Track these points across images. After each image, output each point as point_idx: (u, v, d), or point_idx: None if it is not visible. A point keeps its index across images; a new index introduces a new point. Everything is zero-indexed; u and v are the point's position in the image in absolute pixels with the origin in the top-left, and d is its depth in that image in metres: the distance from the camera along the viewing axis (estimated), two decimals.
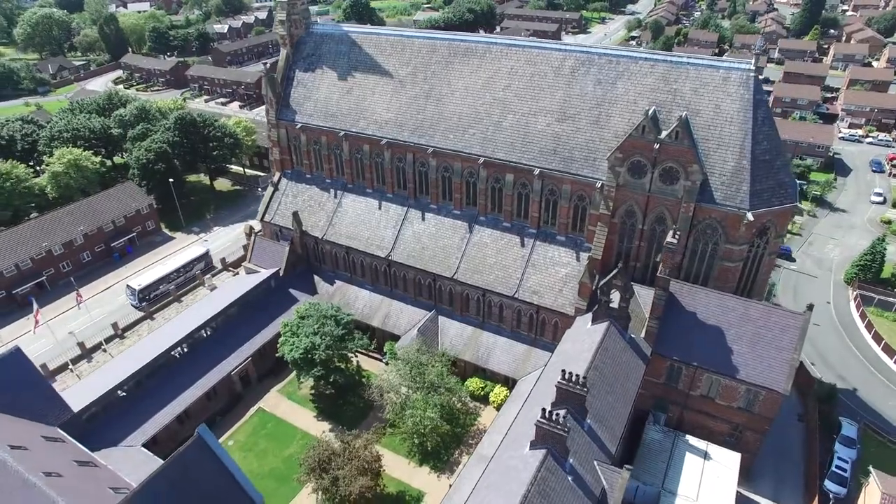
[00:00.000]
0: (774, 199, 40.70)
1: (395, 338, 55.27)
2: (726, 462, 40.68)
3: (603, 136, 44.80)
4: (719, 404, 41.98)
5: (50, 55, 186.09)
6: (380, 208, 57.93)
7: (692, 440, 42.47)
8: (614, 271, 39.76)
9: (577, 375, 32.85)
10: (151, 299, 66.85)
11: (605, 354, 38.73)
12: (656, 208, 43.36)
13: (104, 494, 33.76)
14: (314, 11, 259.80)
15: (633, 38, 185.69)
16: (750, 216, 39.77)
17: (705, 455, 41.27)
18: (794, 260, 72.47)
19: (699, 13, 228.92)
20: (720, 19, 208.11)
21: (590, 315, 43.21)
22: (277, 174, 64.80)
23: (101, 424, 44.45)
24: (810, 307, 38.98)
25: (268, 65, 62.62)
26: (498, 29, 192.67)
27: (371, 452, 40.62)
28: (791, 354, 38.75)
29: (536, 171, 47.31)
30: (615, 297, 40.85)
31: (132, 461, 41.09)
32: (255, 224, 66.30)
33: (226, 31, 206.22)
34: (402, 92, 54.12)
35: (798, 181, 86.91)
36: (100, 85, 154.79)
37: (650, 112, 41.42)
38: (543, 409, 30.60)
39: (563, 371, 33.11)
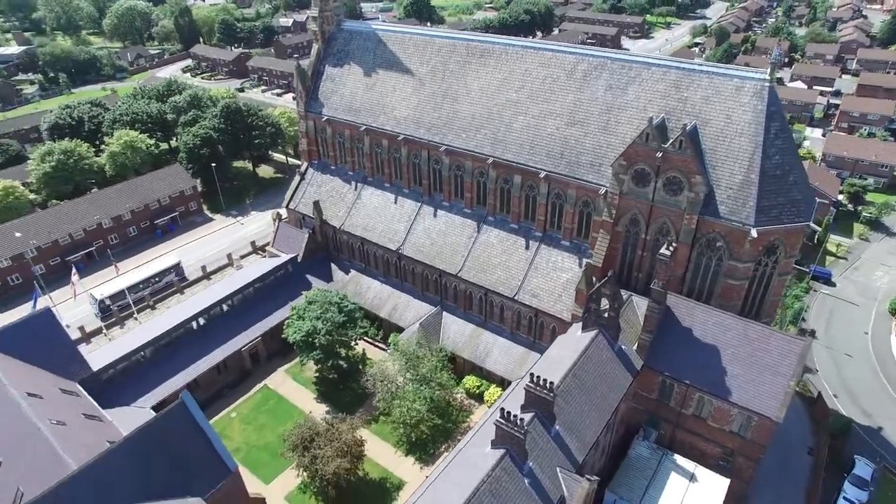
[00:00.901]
0: (784, 216, 38.79)
1: (401, 330, 56.40)
2: (713, 486, 39.26)
3: (610, 142, 44.06)
4: (711, 426, 40.48)
5: (131, 44, 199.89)
6: (395, 202, 59.24)
7: (680, 460, 41.22)
8: (604, 279, 39.14)
9: (545, 380, 32.77)
10: (114, 309, 63.63)
11: (588, 363, 38.26)
12: (659, 219, 42.27)
13: (100, 446, 36.62)
14: (378, 8, 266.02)
15: (696, 44, 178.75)
16: (754, 233, 38.14)
17: (691, 477, 39.98)
18: (833, 284, 68.16)
19: (774, 20, 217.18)
20: (796, 27, 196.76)
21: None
22: (304, 164, 67.39)
23: (116, 385, 48.04)
24: (812, 333, 36.99)
25: (299, 59, 64.95)
26: (556, 31, 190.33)
27: (353, 437, 41.90)
28: (788, 381, 36.90)
29: (543, 174, 47.11)
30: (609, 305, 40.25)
31: (138, 421, 43.92)
32: (283, 211, 69.16)
33: (290, 24, 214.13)
34: (421, 90, 55.10)
35: (850, 202, 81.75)
36: (170, 73, 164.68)
37: (654, 119, 40.38)
38: (502, 409, 30.80)
39: (532, 374, 33.11)
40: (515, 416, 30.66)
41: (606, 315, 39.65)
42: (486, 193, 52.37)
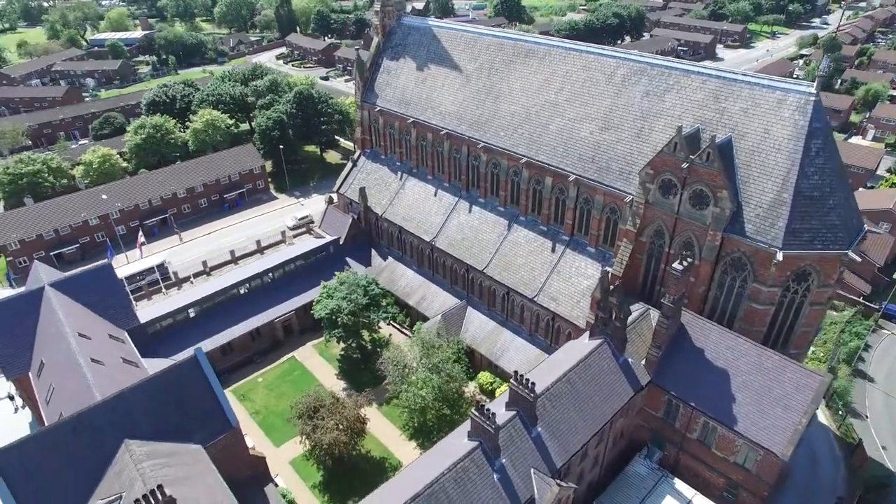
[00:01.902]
0: (817, 241, 36.10)
1: (427, 319, 57.75)
2: None
3: (642, 150, 42.81)
4: (715, 454, 38.52)
5: (235, 31, 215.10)
6: (435, 195, 60.60)
7: (679, 485, 39.63)
8: (612, 287, 38.28)
9: (528, 380, 32.82)
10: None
11: (586, 370, 37.68)
12: (684, 232, 40.62)
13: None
14: (471, 6, 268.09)
15: (801, 56, 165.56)
16: (780, 256, 35.81)
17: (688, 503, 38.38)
18: None
19: None
20: None
21: None
22: (358, 152, 70.32)
23: (161, 338, 53.03)
24: (832, 370, 34.14)
25: (359, 50, 67.81)
26: (646, 37, 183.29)
27: (356, 413, 43.81)
28: (799, 417, 34.45)
29: (572, 178, 46.58)
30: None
31: None
32: (335, 196, 72.51)
33: None
34: (467, 86, 55.94)
35: None
36: (265, 59, 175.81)
37: (684, 129, 38.84)
38: (478, 402, 31.25)
39: (516, 373, 33.27)
40: (489, 410, 31.05)
41: (613, 325, 38.76)
42: (518, 193, 52.46)
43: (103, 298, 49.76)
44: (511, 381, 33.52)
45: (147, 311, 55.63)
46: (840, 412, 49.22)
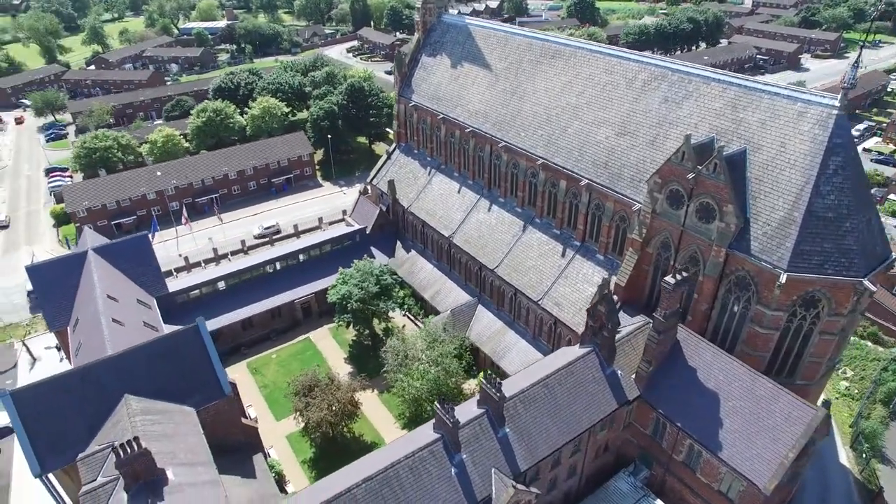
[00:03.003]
0: (828, 266, 33.57)
1: (439, 313, 58.40)
2: None
3: (655, 158, 41.29)
4: (700, 479, 36.76)
5: (313, 23, 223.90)
6: (459, 192, 61.04)
7: None
8: (603, 296, 37.28)
9: (497, 379, 32.79)
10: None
11: (568, 377, 37.03)
12: (690, 245, 38.89)
13: None
14: (547, 6, 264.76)
15: None
16: (783, 278, 33.62)
17: None
18: None
19: None
20: None
21: None
22: (394, 145, 71.84)
23: (187, 307, 56.73)
24: (826, 405, 31.65)
25: (400, 45, 69.13)
26: (724, 43, 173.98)
27: (349, 396, 45.20)
28: (786, 451, 32.26)
29: (584, 182, 45.65)
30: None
31: None
32: (370, 187, 74.46)
33: (455, 15, 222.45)
34: (495, 85, 55.90)
35: None
36: (335, 52, 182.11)
37: (693, 137, 37.15)
38: (441, 397, 31.59)
39: (486, 371, 33.26)
40: (449, 404, 31.33)
41: (602, 334, 37.81)
42: (535, 195, 51.96)
43: (138, 266, 53.87)
44: (481, 379, 33.56)
45: (178, 281, 59.73)
46: (864, 455, 45.35)
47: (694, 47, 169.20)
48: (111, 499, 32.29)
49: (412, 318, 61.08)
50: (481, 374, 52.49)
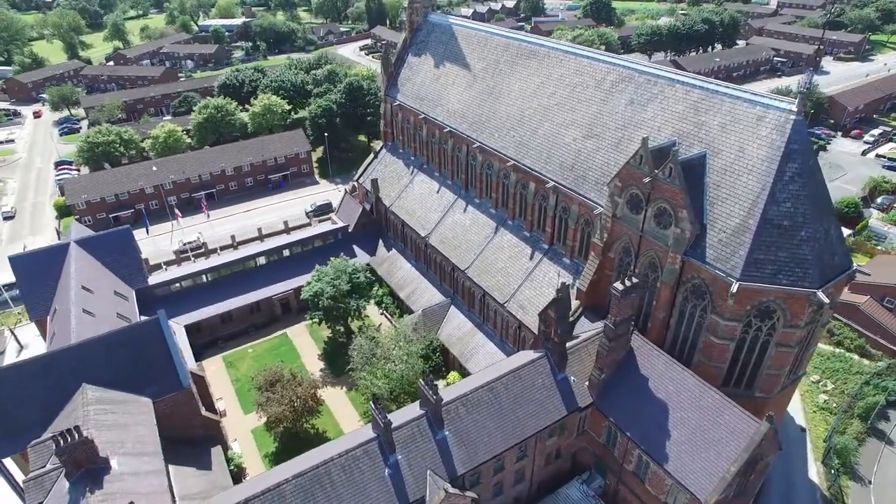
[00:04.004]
0: (782, 276, 32.48)
1: (413, 313, 58.32)
2: None
3: (619, 161, 40.43)
4: (648, 490, 35.97)
5: (330, 21, 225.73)
6: (438, 192, 60.86)
7: None
8: (555, 300, 36.69)
9: (434, 382, 32.52)
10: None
11: (515, 382, 36.56)
12: (648, 251, 38.08)
13: None
14: (566, 6, 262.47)
15: None
16: (735, 287, 32.65)
17: None
18: None
19: None
20: None
21: None
22: (381, 144, 71.95)
23: (167, 300, 57.54)
24: (770, 418, 30.58)
25: (386, 46, 69.16)
26: (742, 44, 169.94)
27: (310, 393, 45.41)
28: (728, 465, 31.32)
29: (550, 184, 45.06)
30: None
31: None
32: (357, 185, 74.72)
33: (470, 14, 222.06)
34: (473, 86, 55.56)
35: None
36: (348, 50, 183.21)
37: (655, 141, 36.37)
38: (374, 396, 31.50)
39: (425, 373, 33.06)
40: (381, 406, 31.21)
41: (552, 340, 37.24)
42: (507, 196, 51.48)
43: (118, 259, 55.00)
44: (420, 381, 33.40)
45: (159, 275, 60.79)
46: (834, 471, 43.83)
47: (710, 49, 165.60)
48: (55, 486, 33.02)
49: (388, 316, 61.13)
50: (450, 375, 52.65)
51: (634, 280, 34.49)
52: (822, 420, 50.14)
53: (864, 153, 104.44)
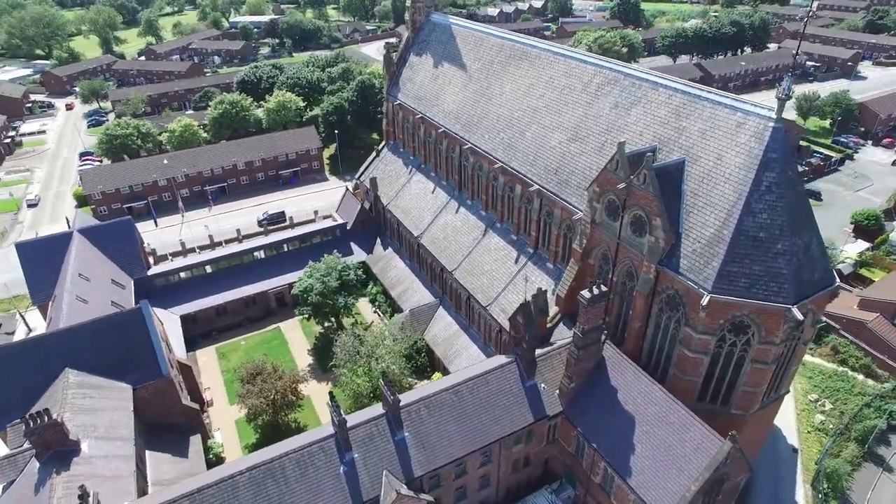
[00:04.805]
0: (756, 289, 31.28)
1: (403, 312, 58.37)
2: None
3: (601, 165, 39.36)
4: None
5: (357, 20, 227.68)
6: (433, 192, 60.71)
7: None
8: (522, 305, 36.14)
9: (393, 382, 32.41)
10: None
11: (482, 387, 36.19)
12: (625, 259, 37.18)
13: None
14: (596, 7, 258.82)
15: None
16: (706, 300, 31.59)
17: None
18: None
19: None
20: None
21: None
22: (383, 143, 72.18)
23: (166, 290, 59.03)
24: (734, 438, 29.43)
25: (391, 44, 69.33)
26: (775, 48, 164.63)
27: (291, 387, 45.87)
28: (689, 483, 30.35)
29: (534, 188, 44.45)
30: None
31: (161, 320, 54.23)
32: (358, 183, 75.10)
33: (496, 14, 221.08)
34: (468, 86, 55.20)
35: None
36: (372, 49, 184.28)
37: (636, 146, 35.49)
38: (330, 393, 31.59)
39: (384, 373, 32.96)
40: (336, 404, 31.29)
41: (521, 346, 36.72)
42: (496, 199, 51.01)
43: (119, 248, 56.65)
44: (380, 382, 33.34)
45: (165, 265, 62.30)
46: (821, 495, 42.07)
47: (738, 52, 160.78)
48: (27, 466, 34.16)
49: (380, 314, 61.32)
50: (434, 375, 52.45)
51: (603, 288, 33.75)
52: (817, 441, 48.15)
53: (893, 163, 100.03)
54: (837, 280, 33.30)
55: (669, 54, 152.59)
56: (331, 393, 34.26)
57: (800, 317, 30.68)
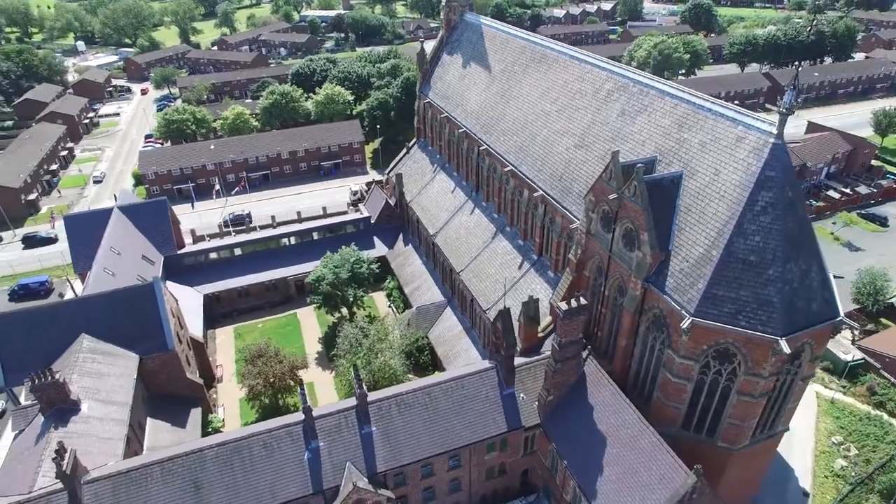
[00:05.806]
0: (742, 317, 29.36)
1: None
2: None
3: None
4: None
5: (423, 16, 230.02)
6: (452, 192, 60.72)
7: None
8: (500, 313, 35.55)
9: (357, 378, 32.89)
10: None
11: (458, 390, 36.04)
12: (616, 273, 35.86)
13: None
14: (668, 10, 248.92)
15: None
16: (686, 323, 29.99)
17: None
18: None
19: None
20: None
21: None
22: (414, 140, 72.83)
23: (193, 269, 62.29)
24: (697, 472, 27.69)
25: (423, 43, 69.73)
26: (860, 57, 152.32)
27: (287, 371, 47.37)
28: None
29: (538, 193, 43.60)
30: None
31: (179, 296, 57.14)
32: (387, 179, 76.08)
33: (562, 15, 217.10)
34: (491, 87, 54.75)
35: None
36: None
37: (618, 154, 34.13)
38: (300, 381, 32.43)
39: (355, 366, 33.49)
40: (304, 392, 32.10)
41: (500, 353, 36.21)
42: (507, 202, 50.41)
43: (153, 226, 60.28)
44: (352, 374, 33.85)
45: (200, 245, 65.76)
46: None
47: (818, 61, 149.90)
48: (35, 418, 37.28)
49: (394, 309, 62.03)
50: (436, 373, 52.54)
51: (582, 301, 32.71)
52: (834, 488, 44.50)
53: None
54: (841, 313, 30.62)
55: (738, 62, 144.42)
56: (301, 380, 35.13)
57: (787, 350, 28.52)
